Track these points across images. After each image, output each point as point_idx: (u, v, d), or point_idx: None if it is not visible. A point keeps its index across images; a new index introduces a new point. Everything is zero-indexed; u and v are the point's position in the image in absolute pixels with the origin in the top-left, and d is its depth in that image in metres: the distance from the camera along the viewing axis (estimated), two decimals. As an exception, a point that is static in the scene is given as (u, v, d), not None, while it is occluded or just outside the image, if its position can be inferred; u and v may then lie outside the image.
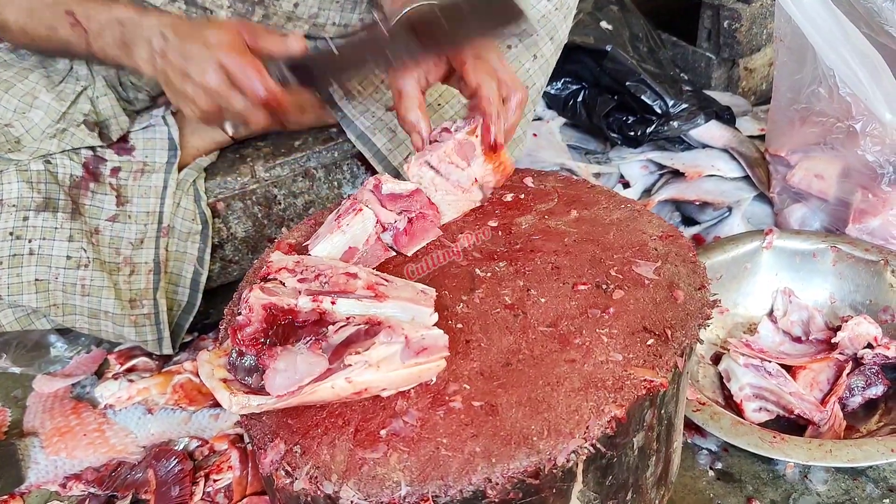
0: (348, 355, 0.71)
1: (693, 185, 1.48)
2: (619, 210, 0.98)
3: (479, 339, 0.80)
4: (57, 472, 1.10)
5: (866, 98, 1.14)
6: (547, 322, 0.81)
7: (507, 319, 0.82)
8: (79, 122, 1.19)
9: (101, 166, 1.20)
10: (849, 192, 1.29)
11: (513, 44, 1.24)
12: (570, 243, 0.92)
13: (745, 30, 1.69)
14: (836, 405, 1.08)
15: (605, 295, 0.84)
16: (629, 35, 1.63)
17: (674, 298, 0.82)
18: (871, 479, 1.02)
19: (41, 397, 1.23)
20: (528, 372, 0.75)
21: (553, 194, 1.02)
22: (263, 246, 1.39)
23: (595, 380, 0.73)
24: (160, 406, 1.18)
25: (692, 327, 0.79)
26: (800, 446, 0.96)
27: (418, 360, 0.73)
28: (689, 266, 0.87)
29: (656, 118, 1.53)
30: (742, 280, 1.26)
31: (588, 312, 0.81)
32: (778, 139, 1.41)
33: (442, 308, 0.83)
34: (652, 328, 0.79)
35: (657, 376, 0.73)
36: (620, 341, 0.78)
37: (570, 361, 0.76)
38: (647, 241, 0.92)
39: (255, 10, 1.21)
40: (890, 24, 1.21)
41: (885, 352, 1.11)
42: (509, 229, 0.96)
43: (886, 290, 1.19)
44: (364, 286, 0.79)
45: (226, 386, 0.73)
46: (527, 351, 0.77)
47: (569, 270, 0.87)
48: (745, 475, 1.04)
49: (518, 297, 0.85)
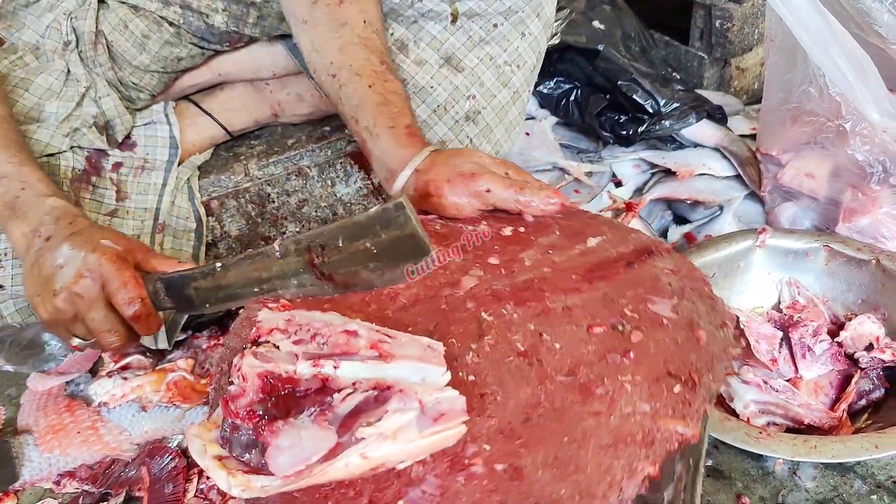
0: (360, 427, 0.65)
1: (685, 183, 1.49)
2: (625, 242, 0.92)
3: (495, 391, 0.74)
4: (51, 469, 1.11)
5: (854, 98, 1.15)
6: (565, 370, 0.75)
7: (521, 369, 0.76)
8: (89, 124, 1.19)
9: (104, 160, 1.21)
10: (839, 191, 1.30)
11: (499, 22, 1.23)
12: (579, 280, 0.86)
13: (736, 29, 1.70)
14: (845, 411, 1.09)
15: (622, 337, 0.78)
16: (621, 34, 1.64)
17: (696, 339, 0.78)
18: (859, 476, 1.03)
19: (35, 395, 1.23)
20: (550, 427, 0.70)
21: (553, 226, 0.95)
22: (257, 244, 1.39)
23: (624, 434, 0.68)
24: (154, 403, 1.18)
25: (718, 370, 0.75)
26: (785, 442, 0.97)
27: (436, 428, 0.67)
28: (707, 302, 0.83)
29: (648, 117, 1.53)
30: (735, 278, 1.27)
31: (607, 358, 0.76)
32: (769, 138, 1.42)
33: (451, 359, 0.76)
34: (677, 373, 0.74)
35: (688, 427, 0.69)
36: (645, 389, 0.72)
37: (594, 414, 0.70)
38: (660, 275, 0.86)
39: (249, 12, 1.23)
40: (879, 24, 1.22)
41: (881, 355, 1.12)
42: (512, 267, 0.89)
43: (878, 290, 1.20)
44: (367, 345, 0.72)
45: (221, 465, 0.66)
46: (547, 404, 0.72)
47: (581, 311, 0.82)
48: (734, 472, 1.05)
49: (531, 342, 0.79)
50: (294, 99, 1.38)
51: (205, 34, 1.24)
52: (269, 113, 1.41)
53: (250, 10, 1.23)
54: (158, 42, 1.25)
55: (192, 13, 1.21)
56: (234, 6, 1.22)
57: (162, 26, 1.21)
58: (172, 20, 1.21)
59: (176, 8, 1.19)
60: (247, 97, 1.38)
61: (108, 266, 0.91)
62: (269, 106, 1.39)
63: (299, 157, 1.37)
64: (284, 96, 1.38)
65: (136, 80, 1.27)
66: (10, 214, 0.99)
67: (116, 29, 1.24)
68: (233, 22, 1.23)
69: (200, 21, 1.22)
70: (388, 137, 1.01)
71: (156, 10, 1.19)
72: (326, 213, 1.43)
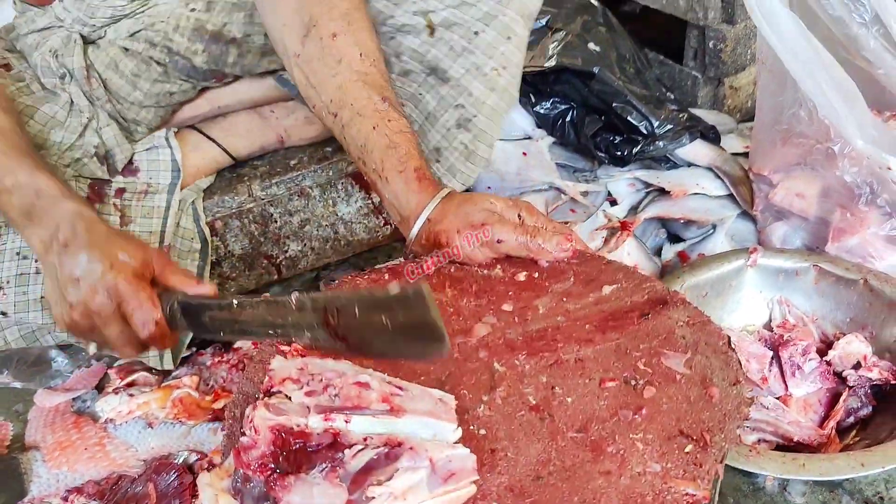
0: (370, 486, 0.65)
1: (678, 203, 1.51)
2: (640, 291, 0.92)
3: (506, 447, 0.73)
4: (59, 485, 1.12)
5: (839, 124, 1.18)
6: (576, 426, 0.75)
7: (533, 423, 0.75)
8: (91, 155, 1.21)
9: (107, 187, 1.24)
10: (828, 211, 1.33)
11: (479, 30, 1.23)
12: (593, 331, 0.86)
13: (729, 50, 1.73)
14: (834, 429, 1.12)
15: (634, 393, 0.78)
16: (616, 56, 1.66)
17: (709, 396, 0.77)
18: (847, 492, 1.05)
19: (42, 411, 1.25)
20: (561, 487, 0.69)
21: (568, 272, 0.95)
22: (260, 262, 1.42)
23: (634, 495, 0.67)
24: (160, 420, 1.20)
25: (731, 430, 0.74)
26: (774, 460, 0.99)
27: (447, 488, 0.67)
28: (722, 357, 0.82)
29: (642, 138, 1.56)
30: (727, 297, 1.29)
31: (619, 414, 0.76)
32: (761, 159, 1.44)
33: (462, 412, 0.76)
34: (689, 432, 0.73)
35: (699, 489, 0.68)
36: (657, 448, 0.72)
37: (605, 474, 0.70)
38: (674, 327, 0.86)
39: (229, 50, 1.24)
40: (866, 50, 1.25)
41: (868, 374, 1.14)
42: (526, 314, 0.89)
43: (866, 309, 1.22)
44: (378, 398, 0.72)
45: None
46: (557, 462, 0.71)
47: (594, 363, 0.81)
48: (726, 488, 1.07)
49: (543, 395, 0.78)
50: (302, 122, 1.40)
51: (190, 73, 1.27)
52: (274, 139, 1.42)
53: (230, 48, 1.24)
54: (149, 80, 1.27)
55: (172, 55, 1.24)
56: (213, 46, 1.23)
57: (150, 66, 1.23)
58: (159, 60, 1.23)
59: (161, 48, 1.22)
60: (251, 124, 1.40)
61: (125, 286, 0.91)
62: (275, 133, 1.41)
63: (301, 178, 1.40)
64: (291, 122, 1.40)
65: (133, 115, 1.30)
66: (27, 222, 0.99)
67: (109, 67, 1.26)
68: (213, 62, 1.24)
69: (185, 61, 1.25)
70: (398, 182, 1.02)
71: (143, 50, 1.21)
72: (328, 232, 1.45)
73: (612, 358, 0.82)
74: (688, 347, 0.83)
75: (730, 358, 0.82)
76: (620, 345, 0.84)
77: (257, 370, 0.84)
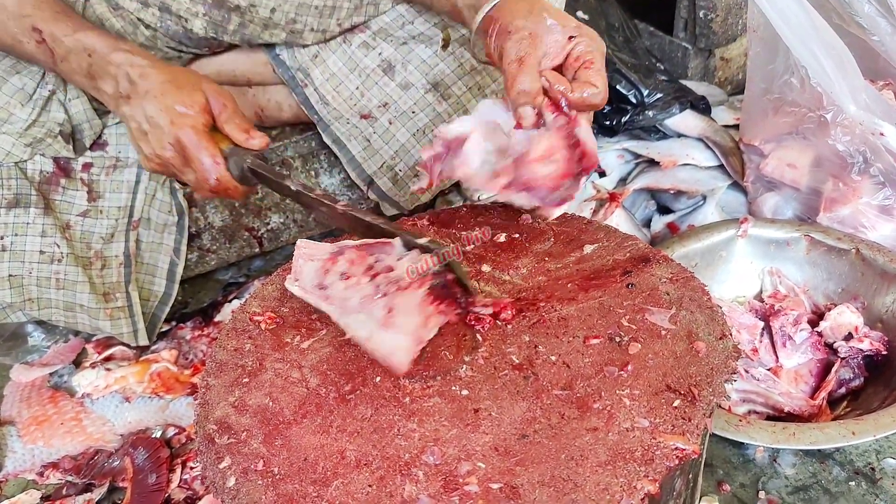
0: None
1: (668, 173, 1.49)
2: (622, 249, 0.91)
3: (489, 407, 0.72)
4: (34, 460, 1.11)
5: (832, 91, 1.16)
6: (561, 384, 0.74)
7: (516, 382, 0.74)
8: (55, 134, 1.18)
9: (73, 162, 1.20)
10: (820, 182, 1.31)
11: None
12: (575, 290, 0.84)
13: (720, 20, 1.71)
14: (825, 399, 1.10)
15: (619, 349, 0.77)
16: (605, 25, 1.64)
17: (695, 351, 0.76)
18: (838, 463, 1.04)
19: (18, 386, 1.23)
20: (547, 445, 0.68)
21: (548, 232, 0.94)
22: (241, 234, 1.39)
23: (622, 451, 0.66)
24: (137, 394, 1.18)
25: (718, 384, 0.73)
26: (764, 429, 0.98)
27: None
28: (707, 312, 0.81)
29: (631, 108, 1.54)
30: (717, 268, 1.28)
31: (604, 371, 0.74)
32: (752, 129, 1.42)
33: (444, 372, 0.76)
34: (676, 387, 0.72)
35: (688, 443, 0.67)
36: (644, 403, 0.71)
37: (592, 430, 0.69)
38: (658, 284, 0.85)
39: (231, 18, 1.19)
40: (859, 15, 1.23)
41: (859, 345, 1.13)
42: (506, 275, 0.88)
43: (858, 279, 1.21)
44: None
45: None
46: (543, 420, 0.70)
47: (577, 321, 0.80)
48: (716, 459, 1.06)
49: (526, 355, 0.77)
50: (274, 106, 1.37)
51: (182, 38, 1.20)
52: (251, 115, 1.39)
53: (232, 15, 1.19)
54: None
55: (171, 16, 1.17)
56: (214, 11, 1.18)
57: (138, 28, 1.18)
58: (149, 23, 1.18)
59: (154, 10, 1.16)
60: None
61: (188, 140, 0.98)
62: (252, 109, 1.38)
63: (283, 148, 1.36)
64: (266, 102, 1.37)
65: None
66: (91, 82, 1.04)
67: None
68: (212, 28, 1.19)
69: (178, 25, 1.18)
70: None
71: (134, 10, 1.16)
72: (310, 204, 1.42)
73: (596, 316, 0.81)
74: (672, 303, 0.82)
75: (715, 312, 0.81)
76: (604, 303, 0.82)
77: (230, 337, 0.84)
